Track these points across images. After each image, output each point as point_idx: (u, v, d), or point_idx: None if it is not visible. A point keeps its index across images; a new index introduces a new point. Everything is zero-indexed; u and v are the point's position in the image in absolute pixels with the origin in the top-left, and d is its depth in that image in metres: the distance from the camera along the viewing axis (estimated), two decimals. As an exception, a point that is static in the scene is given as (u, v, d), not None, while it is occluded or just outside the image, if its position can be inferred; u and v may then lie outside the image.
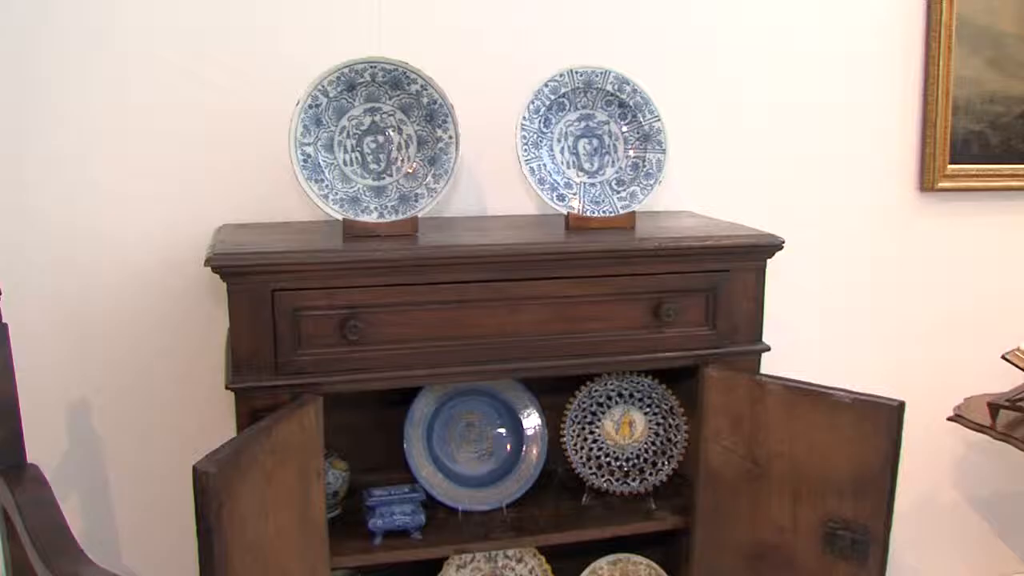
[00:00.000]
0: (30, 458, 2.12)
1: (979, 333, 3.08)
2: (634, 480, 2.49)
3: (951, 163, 2.94)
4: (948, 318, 3.07)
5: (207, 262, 1.95)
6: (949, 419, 2.71)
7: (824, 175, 2.87)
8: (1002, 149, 3.00)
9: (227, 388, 2.02)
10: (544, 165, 2.33)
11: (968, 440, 3.16)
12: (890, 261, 2.97)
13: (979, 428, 2.63)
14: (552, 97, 2.31)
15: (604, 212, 2.33)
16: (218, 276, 1.99)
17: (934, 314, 3.05)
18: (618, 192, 2.36)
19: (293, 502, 1.95)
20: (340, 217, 2.16)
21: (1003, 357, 2.70)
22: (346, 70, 2.15)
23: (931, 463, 3.17)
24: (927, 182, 2.94)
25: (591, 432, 2.48)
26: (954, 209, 3.01)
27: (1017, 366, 2.65)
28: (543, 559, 2.58)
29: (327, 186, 2.17)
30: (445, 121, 2.21)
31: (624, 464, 2.50)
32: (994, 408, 2.62)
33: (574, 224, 2.31)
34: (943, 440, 3.15)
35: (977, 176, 2.98)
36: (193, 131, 2.41)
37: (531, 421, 2.50)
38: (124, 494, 2.54)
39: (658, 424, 2.50)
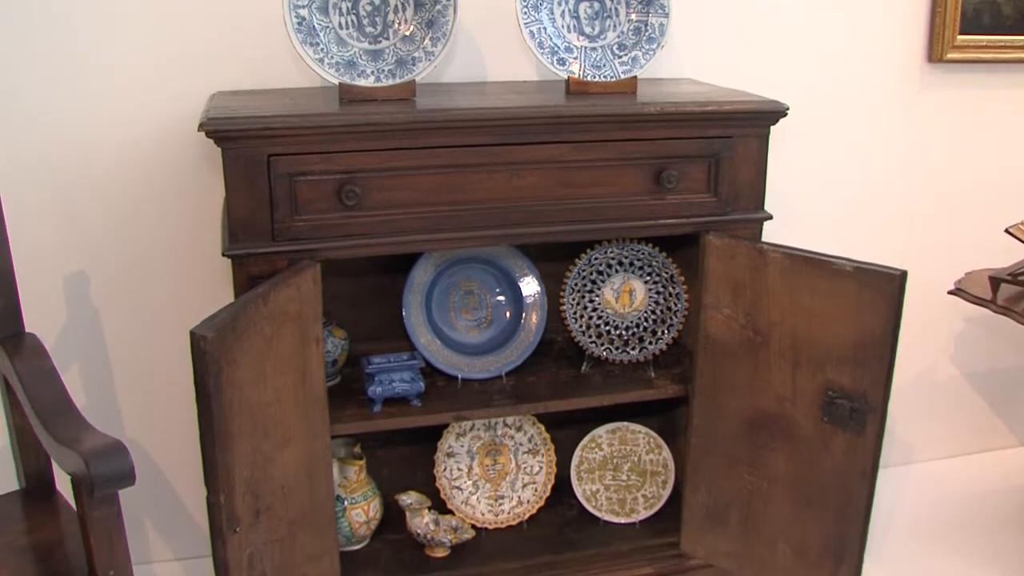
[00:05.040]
0: (29, 331, 2.12)
1: (983, 207, 3.06)
2: (633, 349, 2.49)
3: (961, 34, 2.86)
4: (953, 191, 3.04)
5: (200, 127, 1.92)
6: (950, 293, 2.70)
7: (830, 44, 2.81)
8: (1015, 20, 2.92)
9: (224, 255, 2.01)
10: (544, 29, 2.27)
11: (967, 315, 3.17)
12: (895, 133, 2.93)
13: (979, 302, 2.62)
14: (553, -42, 2.26)
15: (605, 77, 2.29)
16: (213, 142, 1.95)
17: (938, 187, 3.02)
18: (619, 57, 2.31)
19: (292, 368, 1.95)
20: (336, 82, 2.13)
21: (1007, 231, 2.68)
22: (340, -72, 2.09)
23: (929, 337, 3.18)
24: (935, 53, 2.87)
25: (591, 301, 2.48)
26: (962, 81, 2.95)
27: (1021, 240, 2.63)
28: (542, 427, 2.61)
29: (322, 50, 2.12)
30: (443, -18, 2.15)
31: (624, 333, 2.50)
32: (995, 282, 2.61)
33: (574, 89, 2.27)
34: (942, 314, 3.15)
35: (988, 48, 2.91)
36: (185, -4, 2.35)
37: (530, 288, 2.49)
38: (124, 364, 2.55)
39: (658, 293, 2.49)
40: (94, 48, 2.32)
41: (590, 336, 2.48)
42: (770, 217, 2.30)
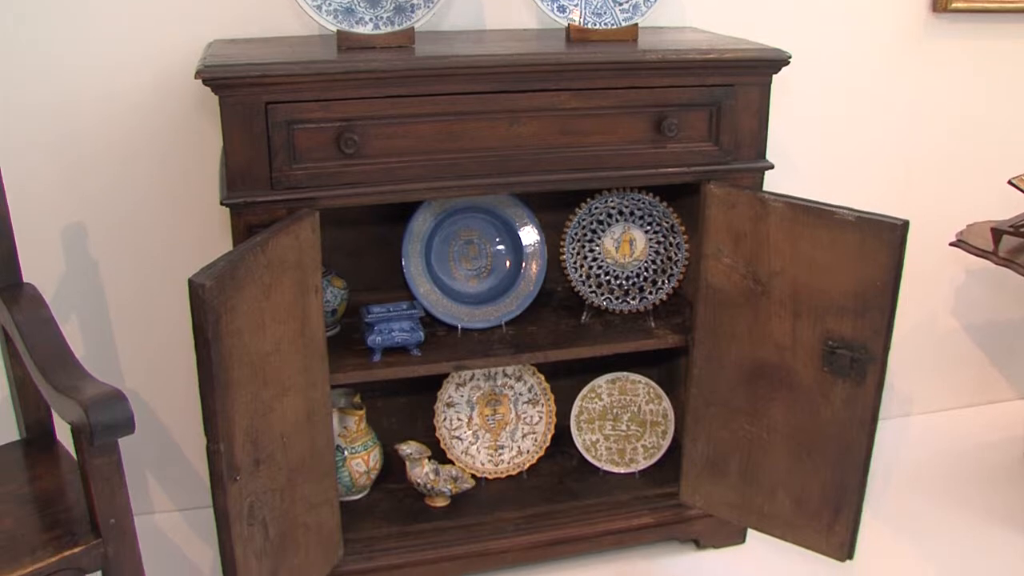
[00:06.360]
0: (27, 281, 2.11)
1: (986, 158, 3.04)
2: (634, 299, 2.49)
3: (966, -18, 2.84)
4: (956, 142, 3.01)
5: (197, 74, 1.90)
6: (951, 244, 2.70)
7: (834, -7, 2.79)
8: (1021, -31, 2.89)
9: (222, 204, 2.00)
10: (544, -25, 2.26)
11: (968, 267, 3.16)
12: (899, 83, 2.90)
13: (981, 254, 2.61)
14: (553, -98, 2.23)
15: (606, 24, 2.27)
16: (210, 90, 1.94)
17: (941, 138, 3.00)
18: (620, 4, 2.29)
19: (291, 317, 1.94)
20: (334, 29, 2.11)
21: (1010, 182, 2.67)
22: None
23: (930, 289, 3.18)
24: (940, 2, 2.83)
25: (591, 250, 2.47)
26: (967, 31, 2.92)
27: (1023, 191, 2.62)
28: (542, 377, 2.61)
29: (319, -5, 2.11)
30: (442, -74, 2.12)
31: (624, 283, 2.49)
32: (997, 234, 2.61)
33: (575, 36, 2.26)
34: (943, 266, 3.14)
35: (993, -3, 2.88)
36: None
37: (530, 237, 2.48)
38: (123, 315, 2.55)
39: (658, 243, 2.48)
40: (90, -4, 2.30)
41: (590, 286, 2.48)
42: (771, 166, 2.28)
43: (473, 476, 2.56)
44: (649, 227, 2.47)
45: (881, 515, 2.76)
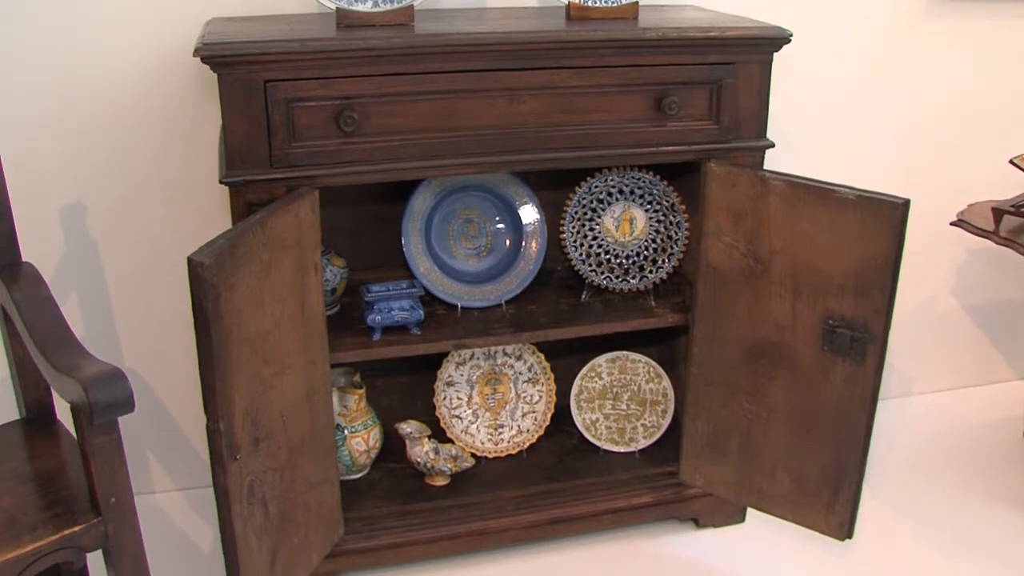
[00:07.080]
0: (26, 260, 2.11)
1: (987, 138, 3.03)
2: (634, 278, 2.49)
3: (966, -40, 2.83)
4: (957, 122, 3.00)
5: (196, 52, 1.90)
6: (952, 224, 2.69)
7: (835, -28, 2.77)
8: (1021, -53, 2.87)
9: (221, 183, 1.99)
10: (544, -48, 2.24)
11: (969, 247, 3.15)
12: (900, 62, 2.89)
13: (982, 233, 2.61)
14: None
15: (606, 2, 2.26)
16: (209, 69, 1.93)
17: (943, 117, 2.99)
18: (621, -18, 2.28)
19: (291, 296, 1.94)
20: (333, 7, 2.10)
21: (1011, 161, 2.67)
22: None
23: (930, 269, 3.17)
24: (941, -20, 2.83)
25: (591, 229, 2.47)
26: (968, 11, 2.90)
27: (1024, 170, 2.62)
28: (542, 356, 2.61)
29: (319, -27, 2.09)
30: (441, -97, 2.11)
31: (624, 261, 2.49)
32: (998, 213, 2.60)
33: (575, 14, 2.25)
34: (944, 246, 3.14)
35: (993, -24, 2.87)
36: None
37: (529, 216, 2.48)
38: (122, 294, 2.54)
39: (659, 221, 2.48)
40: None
41: (590, 265, 2.47)
42: (772, 145, 2.28)
43: (473, 455, 2.56)
44: (649, 206, 2.47)
45: (881, 495, 2.76)
